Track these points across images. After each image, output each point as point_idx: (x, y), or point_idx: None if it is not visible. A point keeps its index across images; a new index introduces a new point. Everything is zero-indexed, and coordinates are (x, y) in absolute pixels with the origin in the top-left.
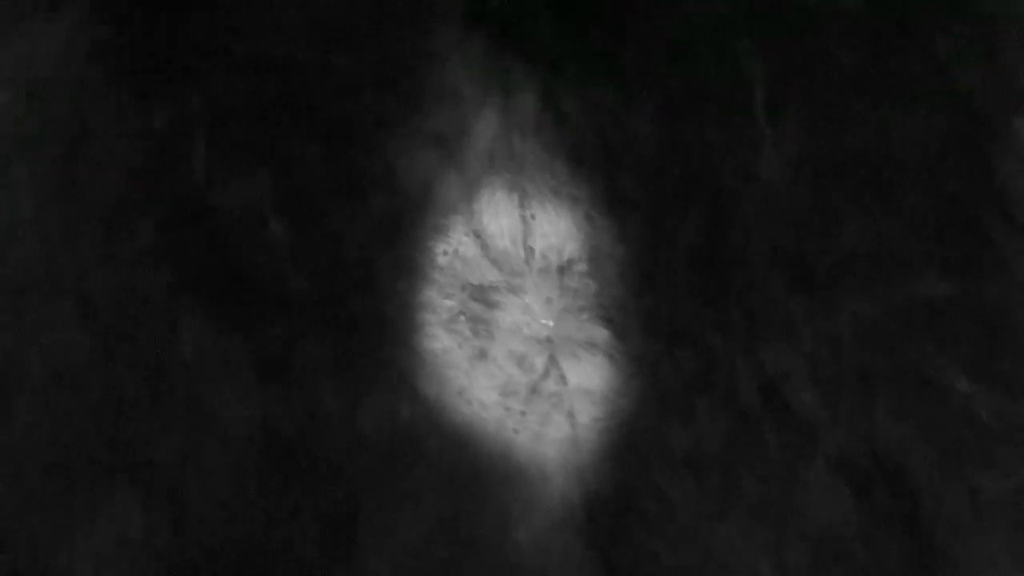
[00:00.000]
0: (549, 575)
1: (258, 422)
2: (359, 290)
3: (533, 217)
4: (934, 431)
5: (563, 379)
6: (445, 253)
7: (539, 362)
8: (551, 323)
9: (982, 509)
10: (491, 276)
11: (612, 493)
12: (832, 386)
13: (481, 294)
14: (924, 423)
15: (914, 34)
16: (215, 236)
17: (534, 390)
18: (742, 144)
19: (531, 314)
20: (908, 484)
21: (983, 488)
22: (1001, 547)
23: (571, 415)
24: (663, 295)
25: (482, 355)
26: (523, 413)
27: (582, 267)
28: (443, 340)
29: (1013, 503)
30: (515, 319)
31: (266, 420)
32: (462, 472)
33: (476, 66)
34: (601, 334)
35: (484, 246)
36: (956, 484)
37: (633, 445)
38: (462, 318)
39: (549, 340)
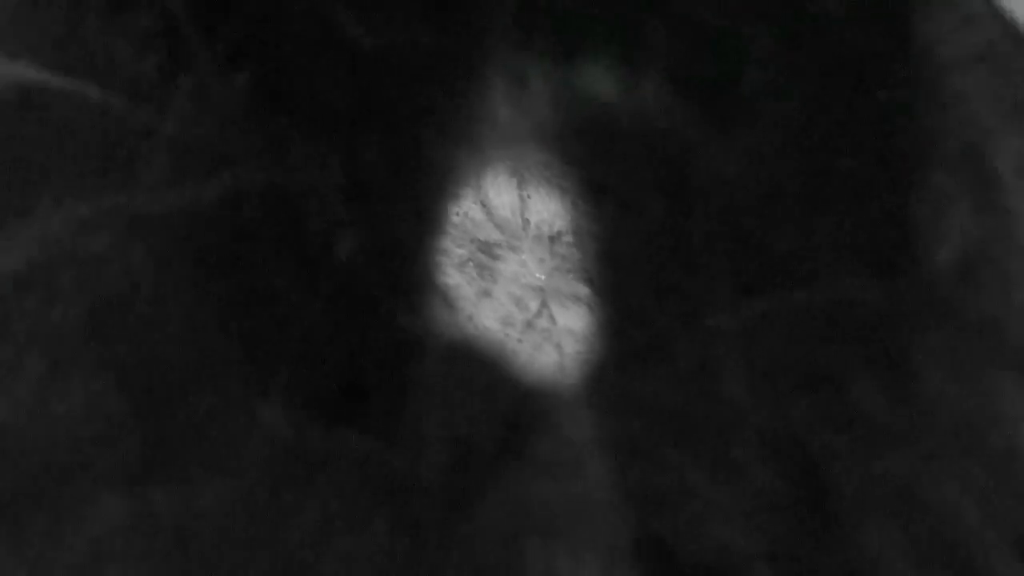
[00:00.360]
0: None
1: None
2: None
3: (529, 196)
4: (840, 421)
5: (552, 319)
6: (458, 215)
7: (533, 304)
8: (543, 277)
9: (883, 493)
10: (494, 236)
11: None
12: (757, 371)
13: (486, 248)
14: (833, 414)
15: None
16: (277, 188)
17: (529, 325)
18: (710, 143)
19: (527, 268)
20: (819, 470)
21: (885, 474)
22: (898, 528)
23: (559, 347)
24: (628, 270)
25: (487, 293)
26: (519, 340)
27: (568, 239)
28: (455, 278)
29: (908, 487)
30: (514, 270)
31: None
32: (466, 372)
33: (503, 58)
34: (583, 291)
35: (489, 213)
36: (860, 470)
37: (604, 378)
38: (470, 264)
39: (541, 289)
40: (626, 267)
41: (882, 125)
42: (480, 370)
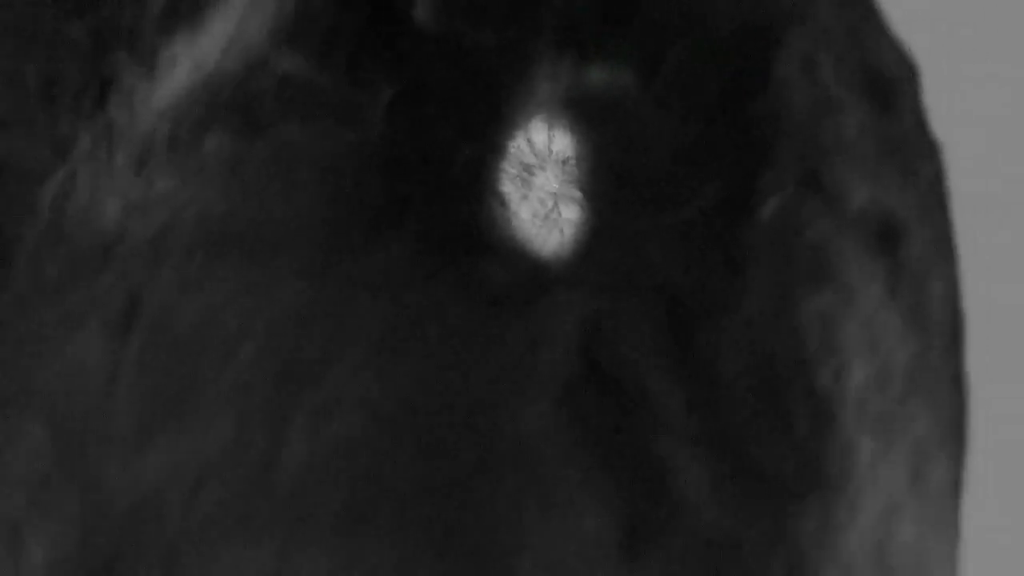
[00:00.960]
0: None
1: None
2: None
3: (554, 136)
4: None
5: (559, 213)
6: (513, 148)
7: (549, 204)
8: (557, 186)
9: None
10: (532, 160)
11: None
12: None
13: (528, 168)
14: None
15: None
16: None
17: (546, 217)
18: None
19: (548, 181)
20: None
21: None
22: None
23: (562, 231)
24: (615, 182)
25: (525, 197)
26: (540, 227)
27: (574, 162)
28: (508, 187)
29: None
30: (540, 182)
31: None
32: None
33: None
34: (579, 195)
35: (531, 146)
36: None
37: (590, 254)
38: (518, 179)
39: (555, 194)
40: (614, 180)
41: None
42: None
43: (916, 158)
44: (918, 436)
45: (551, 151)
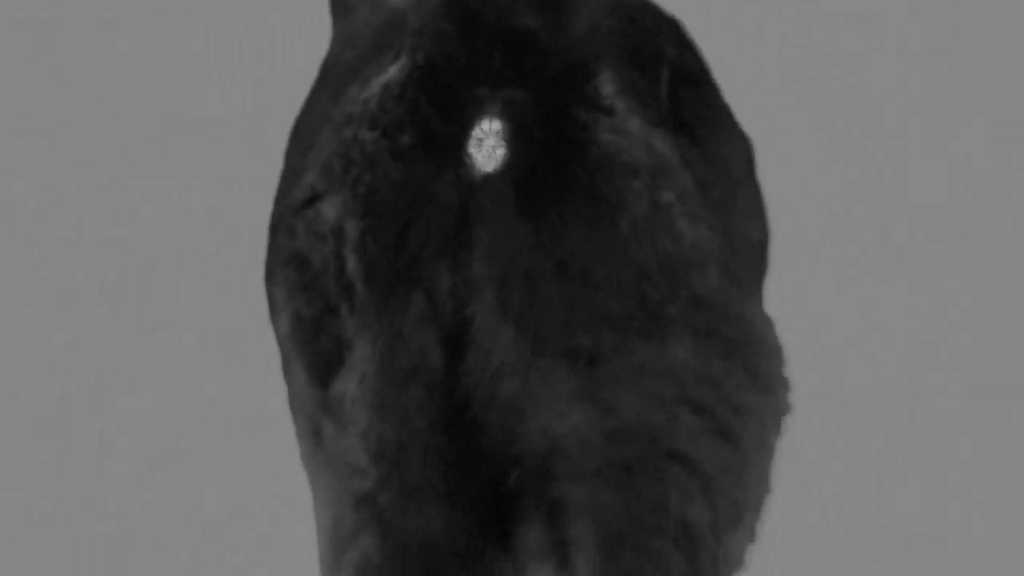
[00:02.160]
0: None
1: None
2: None
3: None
4: None
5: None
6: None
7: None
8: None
9: None
10: (484, 135)
11: None
12: None
13: (482, 136)
14: None
15: None
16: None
17: (489, 156)
18: None
19: (490, 143)
20: None
21: None
22: None
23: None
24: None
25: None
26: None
27: (498, 133)
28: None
29: None
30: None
31: None
32: None
33: None
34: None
35: (490, 128)
36: None
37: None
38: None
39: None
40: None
41: None
42: None
43: None
44: None
45: (491, 128)
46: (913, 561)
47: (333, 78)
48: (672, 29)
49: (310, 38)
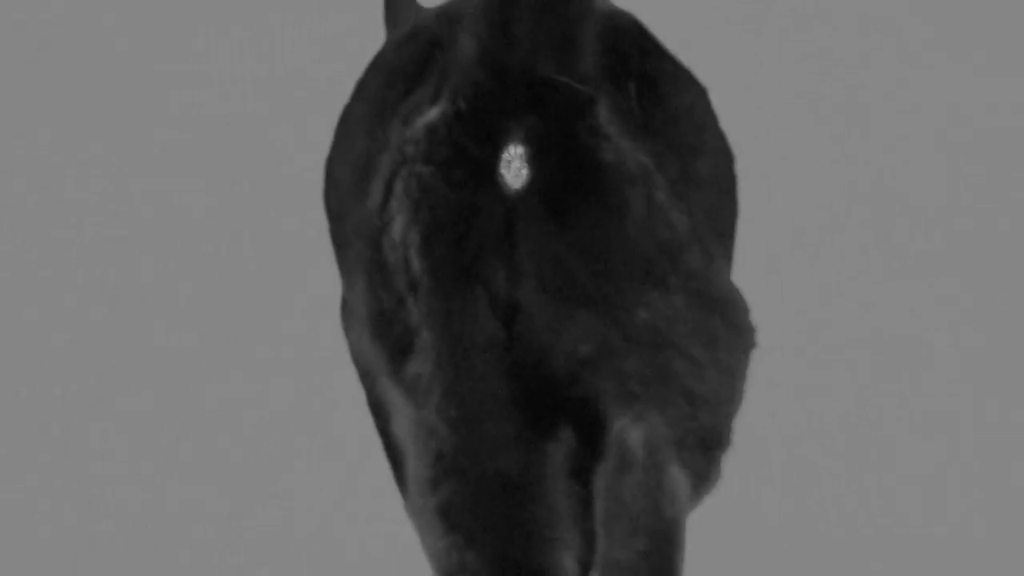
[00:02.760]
0: None
1: None
2: None
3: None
4: None
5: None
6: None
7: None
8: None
9: None
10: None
11: None
12: None
13: (512, 158)
14: None
15: None
16: None
17: (517, 174)
18: None
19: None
20: None
21: None
22: None
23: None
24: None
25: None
26: (516, 177)
27: (523, 157)
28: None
29: None
30: (515, 164)
31: None
32: None
33: None
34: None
35: (517, 152)
36: None
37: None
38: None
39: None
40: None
41: None
42: None
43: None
44: None
45: (516, 153)
46: (912, 559)
47: (375, 88)
48: (633, 35)
49: (310, 39)
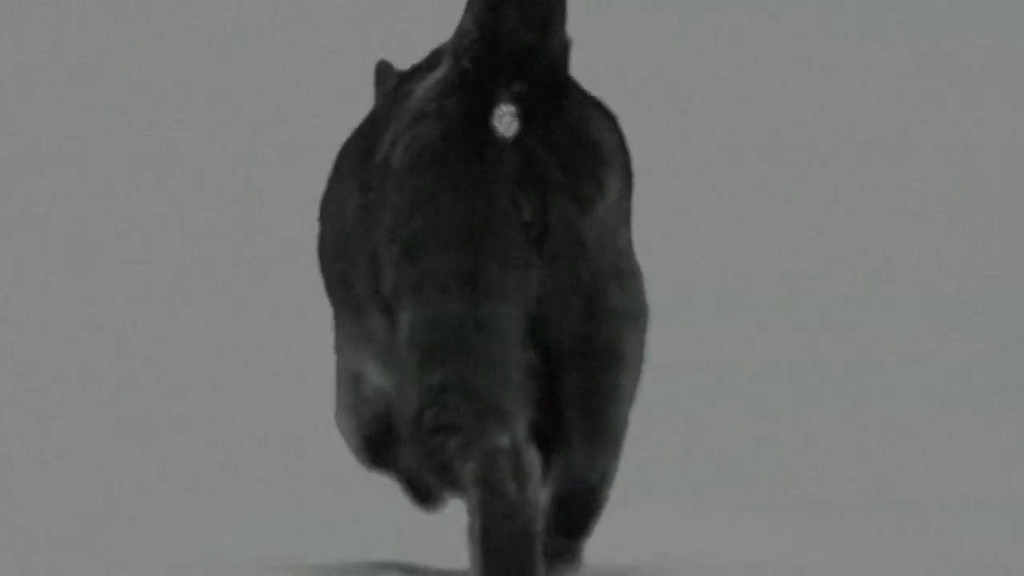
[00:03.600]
0: None
1: None
2: None
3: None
4: None
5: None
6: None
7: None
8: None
9: None
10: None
11: None
12: None
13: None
14: None
15: None
16: None
17: (508, 126)
18: None
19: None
20: None
21: None
22: None
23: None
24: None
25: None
26: (507, 128)
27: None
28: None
29: None
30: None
31: None
32: None
33: None
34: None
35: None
36: None
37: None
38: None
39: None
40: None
41: None
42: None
43: None
44: None
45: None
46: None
47: (354, 146)
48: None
49: (311, 38)
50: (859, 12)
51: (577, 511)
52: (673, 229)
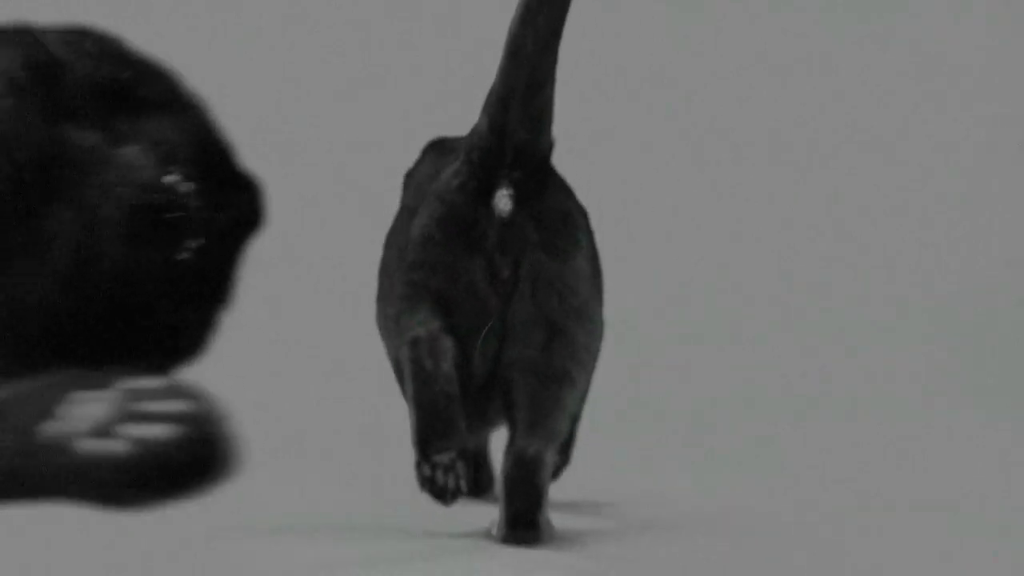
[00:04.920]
0: None
1: None
2: None
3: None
4: None
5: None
6: None
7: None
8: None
9: None
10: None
11: None
12: None
13: (500, 198)
14: None
15: None
16: None
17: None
18: None
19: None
20: None
21: None
22: None
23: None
24: None
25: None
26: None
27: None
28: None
29: None
30: (502, 202)
31: None
32: None
33: None
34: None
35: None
36: None
37: None
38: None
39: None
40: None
41: None
42: None
43: None
44: None
45: (505, 192)
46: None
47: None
48: None
49: (312, 39)
50: (859, 12)
51: (518, 484)
52: (673, 229)
